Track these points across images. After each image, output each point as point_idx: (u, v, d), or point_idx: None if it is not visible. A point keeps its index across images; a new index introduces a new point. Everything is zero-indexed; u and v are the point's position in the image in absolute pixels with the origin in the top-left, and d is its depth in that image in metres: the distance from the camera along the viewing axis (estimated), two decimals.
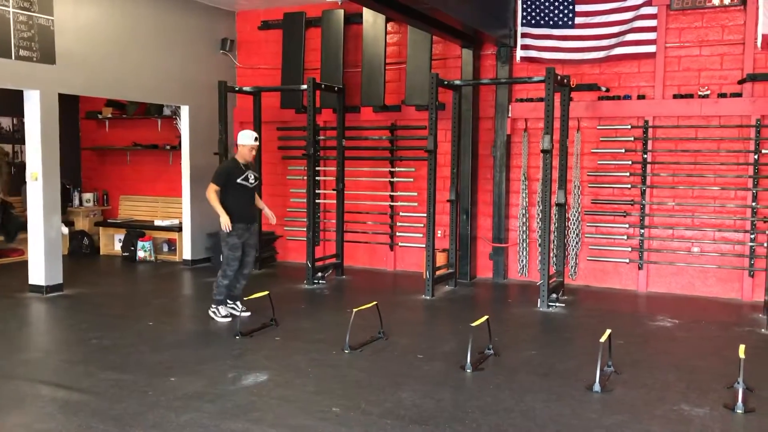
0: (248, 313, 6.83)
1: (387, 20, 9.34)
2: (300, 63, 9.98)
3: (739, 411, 4.39)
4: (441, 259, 9.09)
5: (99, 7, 8.58)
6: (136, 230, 10.73)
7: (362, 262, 10.09)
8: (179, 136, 10.29)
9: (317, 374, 5.17)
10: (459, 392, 4.80)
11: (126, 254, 10.64)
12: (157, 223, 10.74)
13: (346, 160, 9.55)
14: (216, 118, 9.14)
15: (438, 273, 8.41)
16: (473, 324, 5.39)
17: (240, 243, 6.69)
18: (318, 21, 9.94)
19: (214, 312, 6.81)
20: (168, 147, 10.98)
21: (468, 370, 5.18)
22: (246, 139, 6.77)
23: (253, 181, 6.82)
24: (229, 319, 6.72)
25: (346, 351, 5.67)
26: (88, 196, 11.54)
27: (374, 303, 6.09)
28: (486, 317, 5.59)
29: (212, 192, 6.62)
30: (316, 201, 9.38)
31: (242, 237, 6.70)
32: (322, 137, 10.04)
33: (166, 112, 10.92)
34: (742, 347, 4.74)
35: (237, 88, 9.70)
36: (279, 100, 10.06)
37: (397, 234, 9.86)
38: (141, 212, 11.42)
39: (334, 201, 9.54)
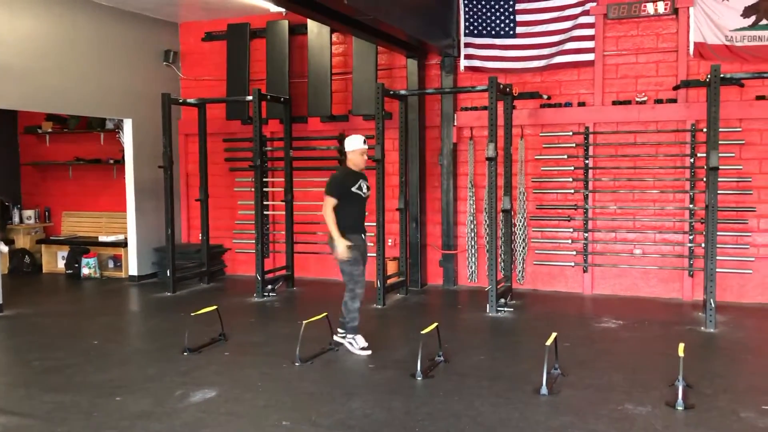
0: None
1: (332, 31, 9.37)
2: (245, 74, 9.92)
3: (679, 408, 4.52)
4: (392, 267, 9.13)
5: (37, 20, 8.37)
6: (79, 247, 10.46)
7: (314, 273, 10.05)
8: (123, 150, 10.09)
9: (267, 388, 5.13)
10: (409, 400, 4.82)
11: (70, 272, 10.36)
12: (102, 238, 10.49)
13: (295, 170, 9.53)
14: (160, 130, 9.00)
15: (389, 281, 8.45)
16: (423, 331, 5.43)
17: (360, 256, 6.10)
18: (262, 32, 9.91)
19: (351, 342, 6.01)
20: (111, 161, 10.77)
21: (418, 378, 5.21)
22: (354, 143, 6.08)
23: (366, 191, 6.15)
24: (369, 352, 5.92)
25: (297, 363, 5.64)
26: (29, 213, 11.21)
27: (324, 314, 6.07)
28: (436, 324, 5.63)
29: (330, 208, 5.92)
30: (265, 212, 9.34)
31: (360, 248, 6.10)
32: (269, 148, 9.99)
33: (109, 125, 10.69)
34: (681, 346, 4.89)
35: (181, 100, 9.59)
36: (224, 112, 9.98)
37: None
38: (85, 228, 11.16)
39: (284, 212, 9.49)
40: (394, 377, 5.33)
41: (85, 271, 10.24)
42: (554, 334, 5.25)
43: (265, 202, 9.26)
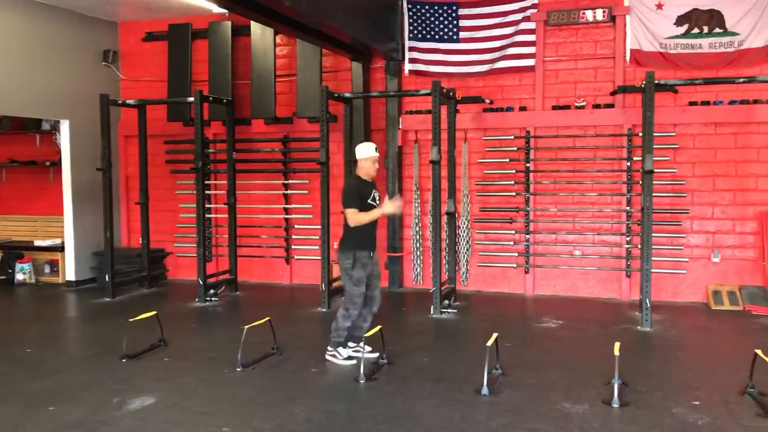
0: (375, 354, 5.77)
1: (276, 33, 9.31)
2: (187, 75, 9.76)
3: (615, 406, 4.64)
4: (337, 270, 9.11)
5: None
6: (13, 251, 10.11)
7: (258, 277, 9.95)
8: (60, 152, 9.79)
9: (207, 394, 5.05)
10: (352, 403, 4.82)
11: (3, 277, 10.00)
12: (37, 243, 10.15)
13: (238, 173, 9.42)
14: (99, 132, 8.76)
15: (335, 284, 8.42)
16: (366, 335, 5.43)
17: (365, 276, 5.75)
18: (205, 33, 9.77)
19: (333, 355, 5.78)
20: (48, 163, 10.43)
21: (361, 381, 5.21)
22: (367, 151, 5.74)
23: (379, 203, 5.82)
24: (353, 361, 5.63)
25: (239, 369, 5.56)
26: None
27: (267, 318, 6.01)
28: (379, 327, 5.65)
29: (355, 215, 5.61)
30: (207, 216, 9.21)
31: (366, 268, 5.75)
32: (212, 150, 9.86)
33: (45, 126, 10.35)
34: (617, 345, 5.02)
35: (120, 102, 9.36)
36: (166, 113, 9.80)
37: (293, 247, 9.80)
38: (19, 232, 10.78)
39: (227, 215, 9.37)
40: (337, 381, 5.31)
41: (19, 276, 9.90)
42: (495, 335, 5.32)
43: (207, 205, 9.13)
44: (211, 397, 4.97)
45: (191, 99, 8.58)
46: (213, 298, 8.51)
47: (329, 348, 5.83)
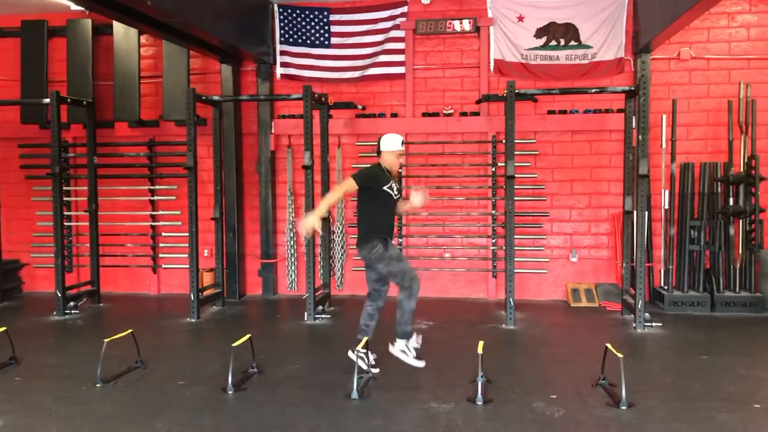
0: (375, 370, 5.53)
1: (141, 32, 8.93)
2: (43, 75, 9.17)
3: (479, 403, 4.80)
4: (208, 278, 8.89)
5: None
6: None
7: (123, 288, 9.50)
8: None
9: (63, 413, 4.74)
10: (219, 415, 4.68)
11: None
12: None
13: (101, 178, 8.96)
14: None
15: (205, 293, 8.20)
16: (234, 344, 5.31)
17: (397, 254, 5.48)
18: (63, 31, 9.23)
19: (403, 351, 5.53)
20: None
21: (230, 392, 5.08)
22: (394, 143, 5.45)
23: (396, 194, 5.51)
24: (423, 362, 5.50)
25: (98, 385, 5.27)
26: None
27: (130, 331, 5.74)
28: (248, 336, 5.54)
29: (341, 189, 5.33)
30: (67, 224, 8.69)
31: (395, 249, 5.48)
32: (71, 154, 9.32)
33: None
34: (481, 344, 5.21)
35: None
36: (19, 115, 9.15)
37: (161, 255, 9.44)
38: None
39: (88, 223, 8.87)
40: (204, 393, 5.15)
41: None
42: (365, 339, 5.36)
43: (66, 213, 8.61)
44: (66, 417, 4.67)
45: (47, 100, 8.06)
46: (73, 311, 8.04)
47: (398, 340, 5.49)
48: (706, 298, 7.96)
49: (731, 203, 8.02)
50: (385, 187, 5.37)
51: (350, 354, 5.57)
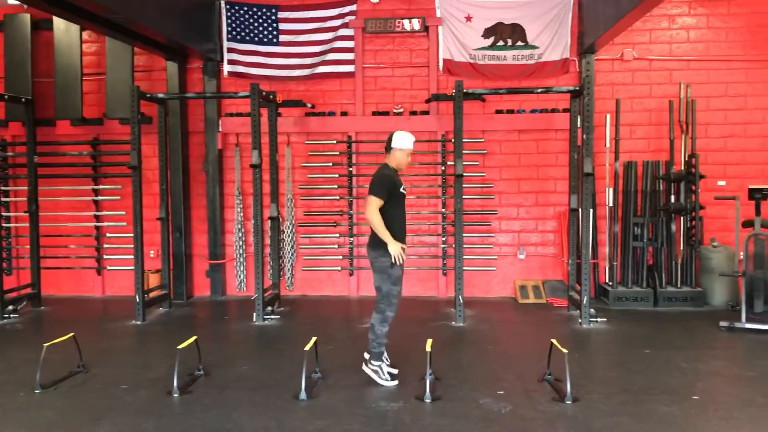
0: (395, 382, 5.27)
1: (83, 28, 8.69)
2: None
3: (427, 400, 4.81)
4: (154, 280, 8.71)
5: None
6: None
7: (66, 290, 9.24)
8: None
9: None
10: (164, 419, 4.59)
11: None
12: None
13: (41, 178, 8.69)
14: None
15: (151, 295, 8.03)
16: (180, 346, 5.21)
17: (402, 273, 5.29)
18: (0, 25, 8.90)
19: (375, 371, 5.23)
20: None
21: (175, 395, 4.99)
22: (406, 142, 5.29)
23: (405, 193, 5.37)
24: (395, 382, 5.20)
25: (37, 391, 5.11)
26: None
27: (71, 334, 5.58)
28: (194, 337, 5.44)
29: (376, 210, 5.07)
30: (5, 225, 8.41)
31: (402, 267, 5.28)
32: (10, 153, 9.01)
33: None
34: (429, 341, 5.23)
35: None
36: None
37: (105, 257, 9.21)
38: None
39: (28, 224, 8.59)
40: (148, 397, 5.03)
41: None
42: (314, 339, 5.33)
43: (5, 213, 8.32)
44: (3, 425, 4.50)
45: None
46: (12, 315, 7.78)
47: (371, 362, 5.27)
48: (649, 294, 8.17)
49: (673, 200, 8.25)
50: (401, 189, 5.28)
51: (363, 368, 5.34)
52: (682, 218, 8.28)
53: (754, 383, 5.25)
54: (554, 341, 5.19)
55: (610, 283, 8.43)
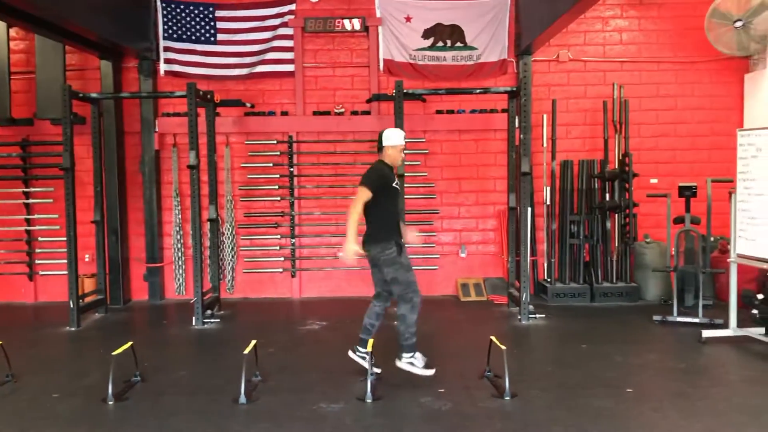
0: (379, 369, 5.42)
1: (9, 25, 8.37)
2: None
3: (368, 401, 4.81)
4: (89, 284, 8.47)
5: None
6: None
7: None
8: None
9: None
10: (98, 428, 4.46)
11: None
12: None
13: None
14: None
15: (86, 300, 7.80)
16: (115, 352, 5.07)
17: (409, 262, 5.26)
18: None
19: (410, 363, 5.21)
20: None
21: (110, 402, 4.85)
22: (395, 139, 5.32)
23: (398, 188, 5.43)
24: (434, 370, 5.23)
25: None
26: None
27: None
28: (130, 343, 5.30)
29: (360, 203, 5.08)
30: None
31: (401, 255, 5.22)
32: None
33: None
34: (370, 342, 5.25)
35: None
36: None
37: (37, 261, 8.89)
38: None
39: None
40: (81, 405, 4.88)
41: None
42: (253, 342, 5.27)
43: None
44: None
45: None
46: None
47: (404, 354, 5.23)
48: (586, 290, 8.36)
49: (607, 198, 8.46)
50: (393, 184, 5.29)
51: (351, 354, 5.50)
52: (616, 215, 8.50)
53: (683, 375, 5.43)
54: (493, 338, 5.26)
55: (549, 280, 8.60)
